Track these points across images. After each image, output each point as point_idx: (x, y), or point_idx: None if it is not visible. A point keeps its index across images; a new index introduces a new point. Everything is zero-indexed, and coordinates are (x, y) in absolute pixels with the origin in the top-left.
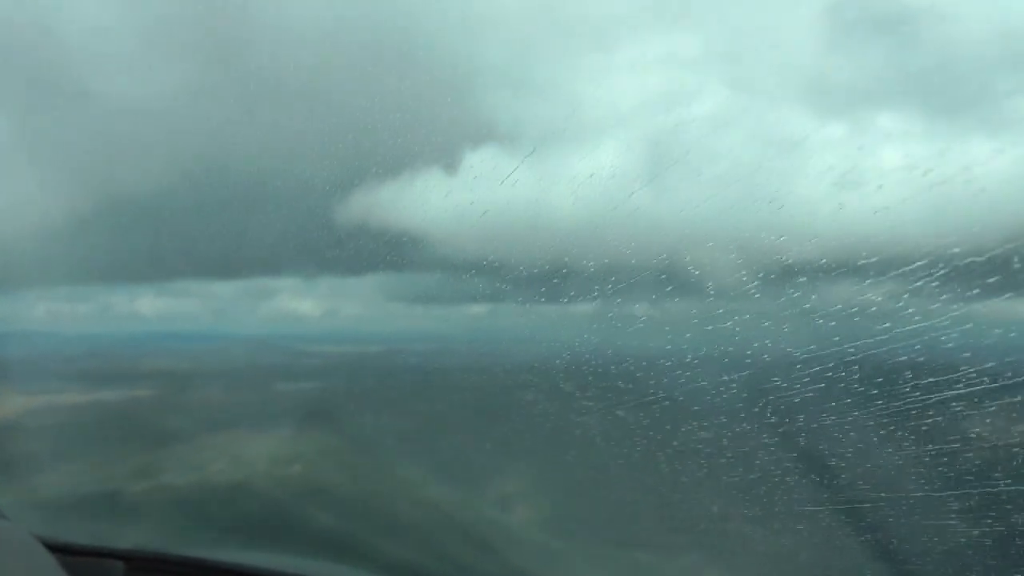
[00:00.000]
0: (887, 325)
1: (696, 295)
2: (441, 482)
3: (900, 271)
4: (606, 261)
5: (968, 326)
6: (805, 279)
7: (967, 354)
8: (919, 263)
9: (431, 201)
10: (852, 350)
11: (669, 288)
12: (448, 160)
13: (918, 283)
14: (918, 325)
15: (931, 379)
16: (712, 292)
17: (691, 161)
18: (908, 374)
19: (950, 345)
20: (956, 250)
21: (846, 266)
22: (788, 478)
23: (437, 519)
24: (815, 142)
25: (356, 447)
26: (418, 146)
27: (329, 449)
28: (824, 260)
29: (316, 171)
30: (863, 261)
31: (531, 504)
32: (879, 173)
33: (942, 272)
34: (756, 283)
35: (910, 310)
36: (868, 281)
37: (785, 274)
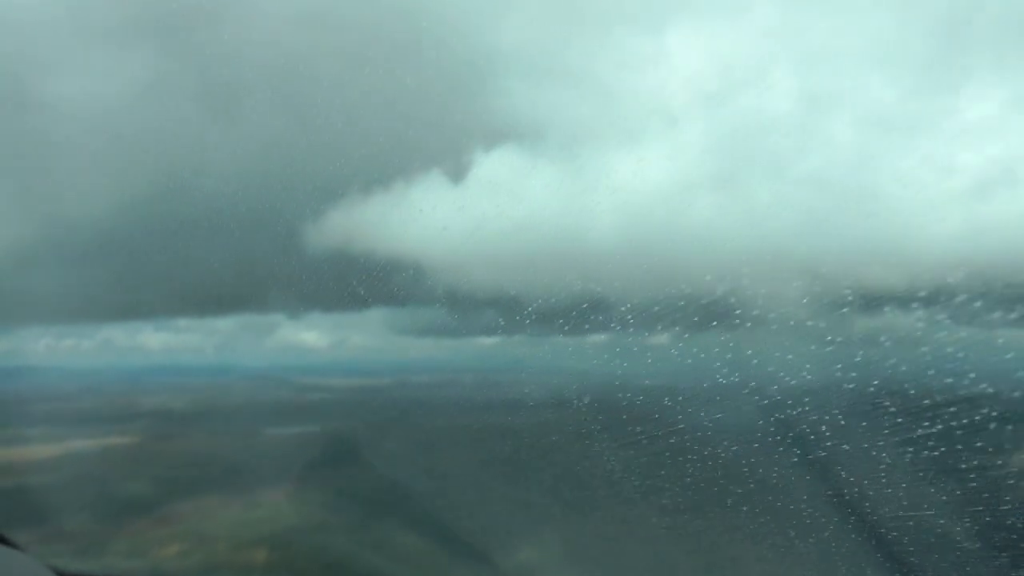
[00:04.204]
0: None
1: (753, 326)
2: (453, 554)
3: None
4: (644, 287)
5: None
6: (894, 309)
7: None
8: None
9: (442, 223)
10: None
11: (718, 318)
12: (458, 173)
13: None
14: None
15: None
16: (773, 323)
17: (758, 163)
18: None
19: None
20: None
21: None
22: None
23: None
24: (934, 127)
25: (364, 504)
26: (427, 162)
27: (335, 502)
28: (924, 285)
29: (318, 200)
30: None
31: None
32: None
33: None
34: (833, 314)
35: None
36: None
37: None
